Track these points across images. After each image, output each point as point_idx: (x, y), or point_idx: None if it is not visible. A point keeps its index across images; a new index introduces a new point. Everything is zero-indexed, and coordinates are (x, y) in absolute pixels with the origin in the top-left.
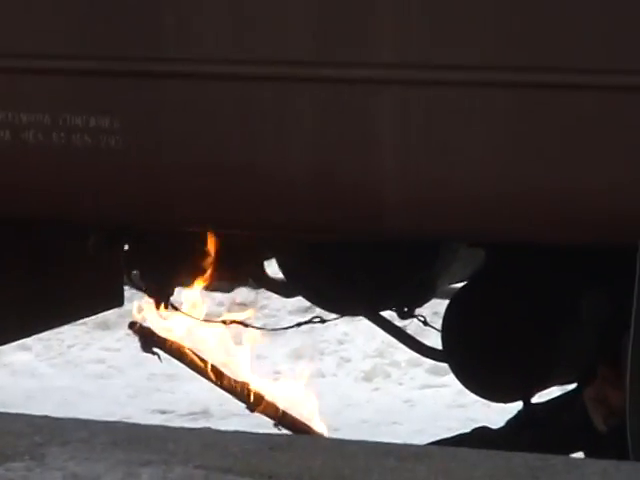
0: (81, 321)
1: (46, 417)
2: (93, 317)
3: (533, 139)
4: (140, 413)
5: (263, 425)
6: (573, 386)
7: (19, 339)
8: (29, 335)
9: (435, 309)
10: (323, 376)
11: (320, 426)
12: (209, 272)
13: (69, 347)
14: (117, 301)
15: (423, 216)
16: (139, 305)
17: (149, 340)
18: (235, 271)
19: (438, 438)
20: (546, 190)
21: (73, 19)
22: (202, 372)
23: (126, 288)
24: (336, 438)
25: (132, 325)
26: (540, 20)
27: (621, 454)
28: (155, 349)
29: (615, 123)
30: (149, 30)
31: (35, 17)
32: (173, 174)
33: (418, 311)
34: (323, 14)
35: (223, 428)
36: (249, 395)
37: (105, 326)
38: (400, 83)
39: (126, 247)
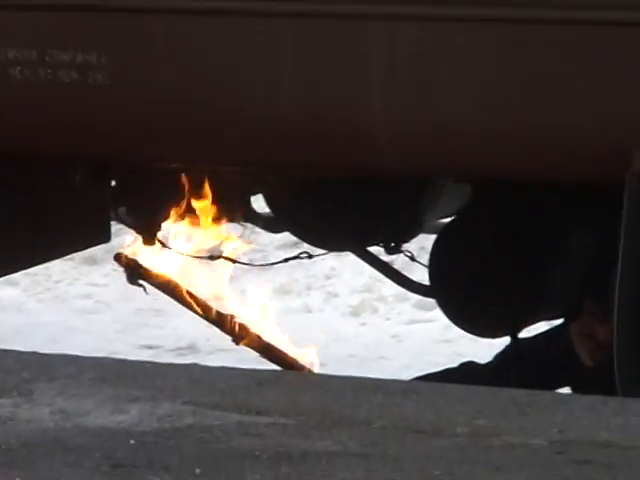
0: (68, 257)
1: (34, 353)
2: (80, 252)
3: (519, 75)
4: (128, 348)
5: (249, 361)
6: (560, 321)
7: (6, 274)
8: (16, 270)
9: (422, 244)
10: (310, 311)
11: (306, 361)
12: (196, 208)
13: (56, 282)
14: (104, 237)
15: (412, 153)
16: (128, 241)
17: (135, 272)
18: (223, 206)
19: (425, 373)
20: (531, 126)
21: None
22: (189, 305)
23: (113, 224)
24: (323, 373)
25: (118, 257)
26: None
27: (608, 389)
28: (141, 282)
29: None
30: None
31: None
32: (160, 109)
33: (405, 246)
34: None
35: (210, 364)
36: (235, 328)
37: (92, 261)
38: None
39: (113, 183)
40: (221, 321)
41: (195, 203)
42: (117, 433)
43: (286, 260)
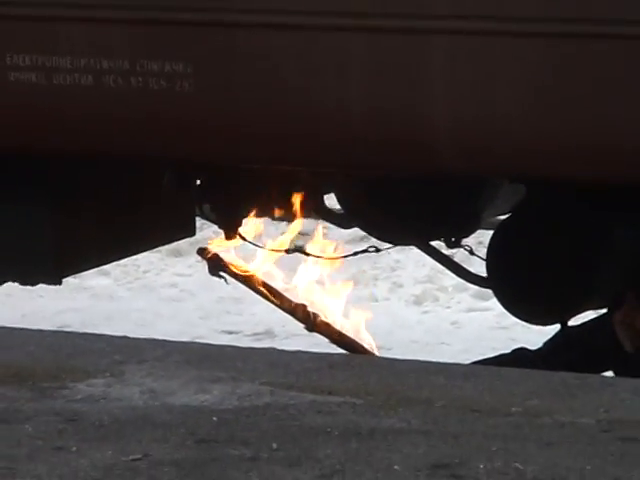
0: (156, 249)
1: (125, 337)
2: (167, 245)
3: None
4: (210, 333)
5: (321, 345)
6: (604, 311)
7: (100, 265)
8: (110, 262)
9: (480, 239)
10: (377, 300)
11: (373, 346)
12: (275, 205)
13: (145, 272)
14: (189, 231)
15: (470, 157)
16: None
17: (216, 264)
18: (299, 204)
19: (482, 357)
20: (579, 134)
21: None
22: (264, 295)
23: (197, 219)
24: (389, 357)
25: (201, 251)
26: None
27: None
28: (222, 273)
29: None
30: None
31: None
32: (246, 117)
33: (464, 241)
34: None
35: (286, 348)
36: (308, 316)
37: (178, 253)
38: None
39: (198, 182)
40: (294, 310)
41: (273, 201)
42: (200, 411)
43: (355, 253)
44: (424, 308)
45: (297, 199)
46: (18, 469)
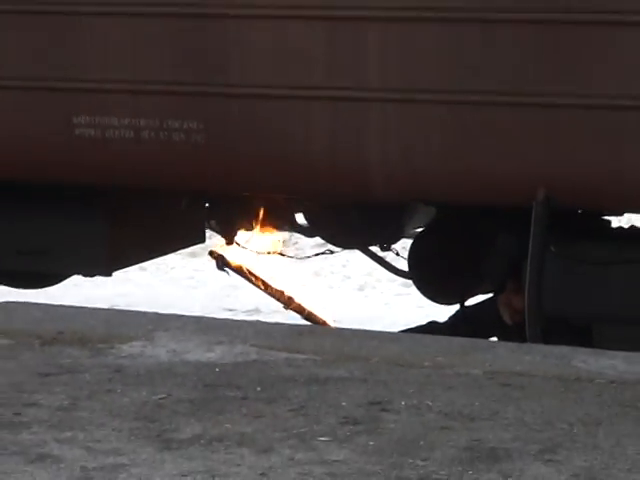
0: (177, 252)
1: (155, 313)
2: (186, 249)
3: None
4: (216, 310)
5: (294, 319)
6: (491, 295)
7: (139, 263)
8: (145, 260)
9: (404, 245)
10: (332, 287)
11: (329, 320)
12: (261, 220)
13: (171, 268)
14: (201, 239)
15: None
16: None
17: (221, 262)
18: (277, 220)
19: (406, 327)
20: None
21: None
22: (255, 284)
23: (207, 231)
24: (340, 327)
25: (211, 253)
26: None
27: (521, 339)
28: (225, 268)
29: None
30: (223, 68)
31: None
32: (240, 160)
33: (393, 246)
34: None
35: (268, 320)
36: (285, 298)
37: (194, 255)
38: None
39: (207, 205)
40: (276, 294)
41: (260, 218)
42: (207, 365)
43: (316, 254)
44: (365, 294)
45: (276, 216)
46: (80, 405)
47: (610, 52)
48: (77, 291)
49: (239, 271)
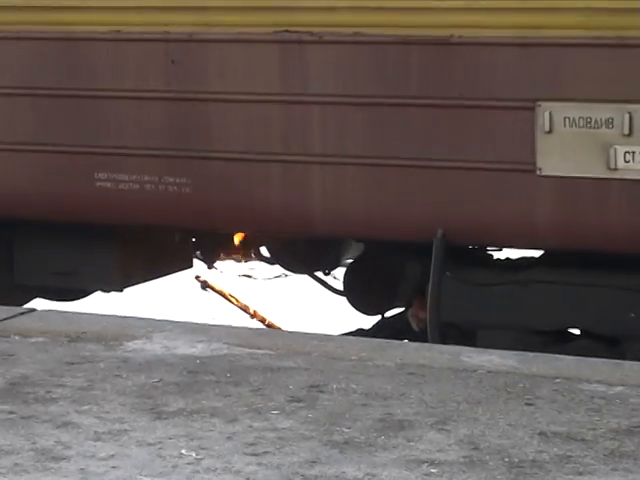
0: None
1: (152, 319)
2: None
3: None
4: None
5: (257, 325)
6: (403, 309)
7: (145, 282)
8: (150, 280)
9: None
10: (288, 302)
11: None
12: (233, 251)
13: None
14: (190, 265)
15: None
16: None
17: (204, 284)
18: (246, 251)
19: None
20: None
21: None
22: (228, 299)
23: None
24: (289, 330)
25: (197, 277)
26: None
27: (425, 341)
28: (207, 288)
29: None
30: (205, 139)
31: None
32: (218, 207)
33: (333, 272)
34: None
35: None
36: (249, 311)
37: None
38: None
39: (193, 239)
40: (244, 308)
41: (233, 249)
42: (191, 357)
43: (276, 277)
44: (312, 306)
45: (245, 249)
46: (95, 386)
47: (483, 129)
48: (96, 302)
49: (216, 290)
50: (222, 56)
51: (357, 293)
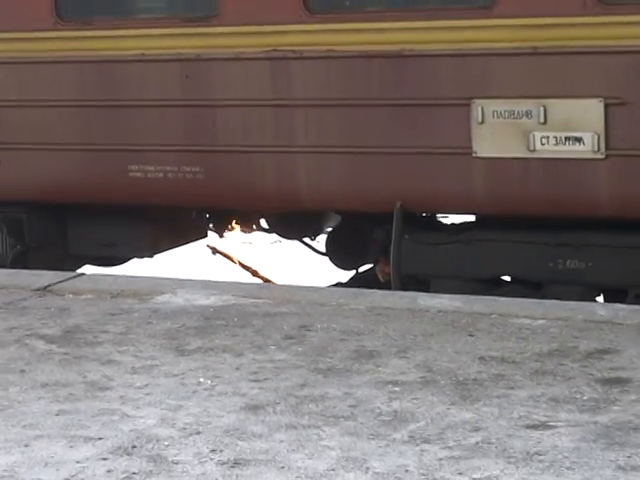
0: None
1: (177, 278)
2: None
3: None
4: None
5: (258, 281)
6: (371, 265)
7: (171, 249)
8: (174, 247)
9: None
10: (283, 262)
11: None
12: (238, 224)
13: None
14: (205, 235)
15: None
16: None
17: (214, 250)
18: (248, 223)
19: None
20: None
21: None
22: (233, 261)
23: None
24: (284, 284)
25: (208, 245)
26: None
27: (389, 289)
28: (217, 254)
29: None
30: (213, 136)
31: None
32: (225, 189)
33: (317, 238)
34: None
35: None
36: (251, 270)
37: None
38: None
39: (207, 215)
40: (247, 268)
41: (239, 223)
42: (206, 307)
43: (272, 243)
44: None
45: (248, 222)
46: (132, 331)
47: (430, 122)
48: (132, 266)
49: (225, 255)
50: (224, 71)
51: (336, 254)
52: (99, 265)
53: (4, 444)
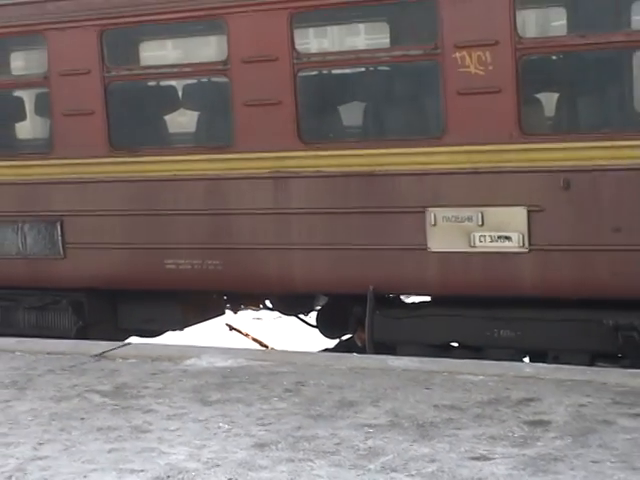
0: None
1: (202, 346)
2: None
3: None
4: (231, 345)
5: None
6: (351, 334)
7: (197, 324)
8: (200, 322)
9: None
10: (283, 333)
11: (280, 347)
12: (250, 303)
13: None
14: (223, 312)
15: (309, 286)
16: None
17: (230, 327)
18: (257, 302)
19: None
20: (339, 276)
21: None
22: (245, 336)
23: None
24: (284, 350)
25: (227, 324)
26: None
27: (365, 353)
28: (232, 330)
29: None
30: (225, 235)
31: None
32: (237, 277)
33: (310, 314)
34: None
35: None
36: (262, 343)
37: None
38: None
39: (225, 297)
40: (258, 342)
41: (249, 302)
42: (224, 368)
43: (275, 318)
44: (293, 335)
45: (256, 301)
46: (167, 387)
47: (396, 225)
48: (168, 337)
49: (238, 330)
50: (238, 187)
51: (324, 326)
52: (142, 336)
53: (67, 476)
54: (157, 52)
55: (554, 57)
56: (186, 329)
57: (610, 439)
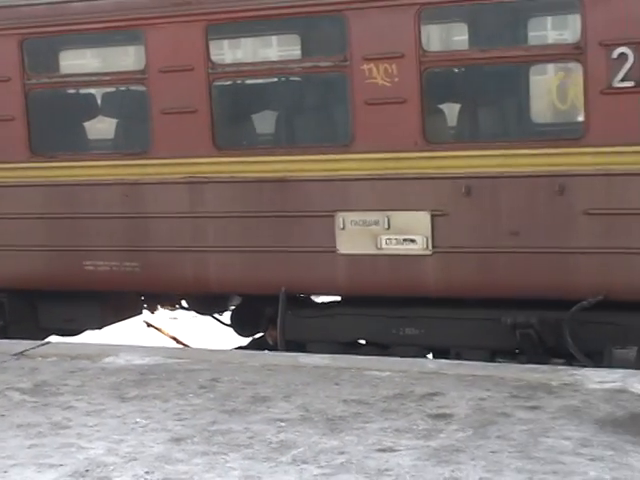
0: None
1: (120, 344)
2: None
3: None
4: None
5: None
6: (263, 333)
7: (114, 323)
8: (117, 322)
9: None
10: (199, 335)
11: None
12: (164, 304)
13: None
14: (140, 312)
15: (223, 287)
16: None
17: (148, 324)
18: (173, 302)
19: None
20: (255, 279)
21: None
22: (161, 332)
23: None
24: (199, 348)
25: (144, 320)
26: None
27: (277, 350)
28: (150, 327)
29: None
30: (143, 237)
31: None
32: (153, 278)
33: (224, 313)
34: None
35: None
36: (177, 340)
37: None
38: None
39: (142, 297)
40: (172, 338)
41: (166, 302)
42: (141, 365)
43: (192, 316)
44: (211, 333)
45: (172, 301)
46: (85, 384)
47: (306, 228)
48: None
49: (155, 327)
50: (154, 192)
51: (238, 325)
52: (62, 335)
53: None
54: (77, 61)
55: (456, 70)
56: (104, 328)
57: (508, 430)
